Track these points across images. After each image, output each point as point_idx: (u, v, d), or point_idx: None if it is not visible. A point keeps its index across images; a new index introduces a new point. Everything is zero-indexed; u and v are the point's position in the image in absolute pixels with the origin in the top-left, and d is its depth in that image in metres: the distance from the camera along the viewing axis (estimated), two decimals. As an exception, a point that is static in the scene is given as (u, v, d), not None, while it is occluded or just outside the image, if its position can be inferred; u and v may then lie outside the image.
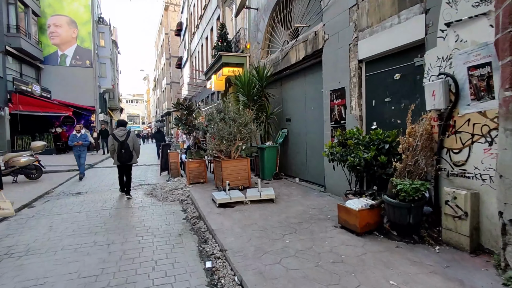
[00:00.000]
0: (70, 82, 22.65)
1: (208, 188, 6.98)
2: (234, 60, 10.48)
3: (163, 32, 44.18)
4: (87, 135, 9.52)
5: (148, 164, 13.75)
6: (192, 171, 7.55)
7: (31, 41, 19.74)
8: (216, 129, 6.34)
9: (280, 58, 8.07)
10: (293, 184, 7.15)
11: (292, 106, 7.88)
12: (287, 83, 8.19)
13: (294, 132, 7.81)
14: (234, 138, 6.59)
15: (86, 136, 9.44)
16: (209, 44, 17.97)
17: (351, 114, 5.32)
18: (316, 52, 6.39)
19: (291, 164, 8.00)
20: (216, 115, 6.61)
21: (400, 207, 3.48)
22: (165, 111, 43.91)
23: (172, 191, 6.90)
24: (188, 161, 7.51)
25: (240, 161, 6.78)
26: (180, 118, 7.20)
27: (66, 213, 5.60)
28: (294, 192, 6.27)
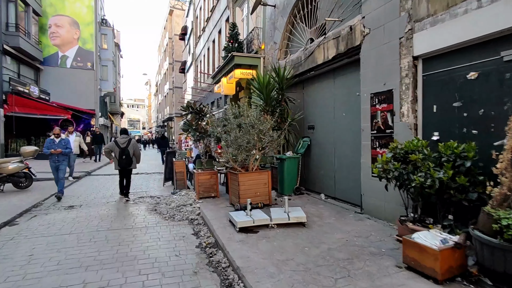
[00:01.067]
0: (70, 84, 21.83)
1: (221, 205, 6.02)
2: (247, 62, 9.62)
3: (166, 36, 43.66)
4: (68, 141, 7.70)
5: (150, 172, 12.78)
6: (202, 184, 6.60)
7: (31, 41, 18.97)
8: (233, 136, 5.42)
9: (302, 58, 7.20)
10: (319, 202, 6.20)
11: (317, 112, 6.98)
12: (310, 86, 7.30)
13: (319, 142, 6.89)
14: (253, 148, 5.67)
15: (68, 142, 7.57)
16: (216, 47, 17.20)
17: (401, 121, 4.41)
18: (351, 49, 5.51)
19: (315, 177, 7.06)
20: (233, 120, 5.70)
21: (504, 250, 2.53)
22: (167, 116, 43.09)
23: (180, 207, 5.93)
24: (198, 173, 6.57)
25: (259, 174, 5.84)
26: (190, 123, 6.28)
27: (54, 234, 4.64)
28: (324, 213, 5.31)
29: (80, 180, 10.52)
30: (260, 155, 5.90)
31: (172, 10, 39.61)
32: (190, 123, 6.25)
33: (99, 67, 23.89)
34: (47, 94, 19.87)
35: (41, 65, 21.00)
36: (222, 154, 5.70)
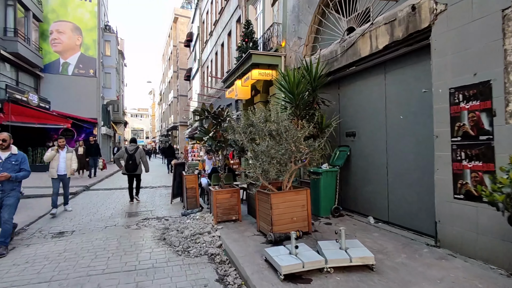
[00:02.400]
0: (72, 92, 20.88)
1: (247, 232, 4.77)
2: (266, 61, 8.48)
3: (171, 44, 43.04)
4: (25, 159, 4.76)
5: (155, 186, 11.56)
6: (221, 205, 5.37)
7: (31, 47, 18.09)
8: (265, 146, 4.20)
9: (338, 52, 6.03)
10: (369, 228, 4.92)
11: (359, 116, 5.76)
12: (349, 85, 6.10)
13: (363, 151, 5.65)
14: (289, 160, 4.45)
15: (24, 159, 4.72)
16: (225, 51, 16.17)
17: (508, 124, 3.17)
18: (414, 35, 4.32)
19: (357, 195, 5.79)
20: (262, 126, 4.49)
21: None
22: (171, 125, 42.11)
23: (195, 236, 4.67)
24: (215, 191, 5.34)
25: (296, 194, 4.59)
26: (206, 130, 5.08)
27: (27, 283, 3.40)
28: (387, 246, 4.03)
29: (76, 196, 9.32)
30: (296, 169, 4.66)
31: (177, 17, 39.08)
32: (206, 131, 5.06)
33: (101, 74, 22.99)
34: (47, 102, 18.89)
35: (41, 72, 20.10)
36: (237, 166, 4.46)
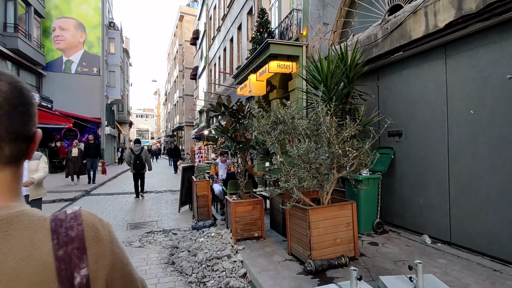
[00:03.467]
0: (75, 91, 20.15)
1: (276, 257, 3.82)
2: (286, 51, 7.53)
3: (176, 43, 42.35)
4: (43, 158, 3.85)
5: (160, 191, 10.67)
6: (242, 219, 4.42)
7: (32, 44, 17.37)
8: (305, 150, 3.25)
9: (379, 36, 5.06)
10: (427, 250, 3.93)
11: (408, 111, 4.77)
12: (392, 74, 5.12)
13: (413, 154, 4.66)
14: (330, 166, 3.49)
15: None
16: (235, 46, 15.26)
17: None
18: (495, 4, 3.34)
19: (404, 208, 4.80)
20: (297, 124, 3.55)
21: None
22: (177, 126, 41.38)
23: (212, 261, 3.73)
24: (234, 202, 4.39)
25: (340, 209, 3.63)
26: (224, 129, 4.14)
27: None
28: (469, 282, 3.04)
29: (74, 202, 8.46)
30: (336, 178, 3.70)
31: (183, 15, 38.35)
32: (224, 129, 4.12)
33: (105, 72, 22.24)
34: (49, 101, 18.17)
35: (43, 70, 19.41)
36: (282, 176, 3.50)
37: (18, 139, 0.53)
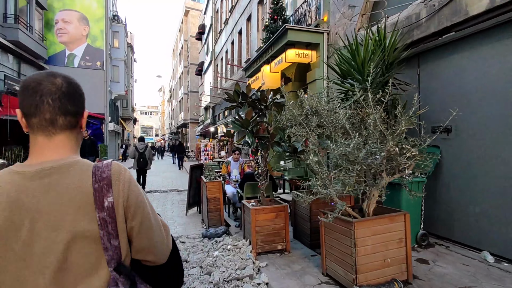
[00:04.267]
0: (78, 86, 19.55)
1: (308, 277, 3.12)
2: (305, 38, 6.80)
3: (181, 39, 41.70)
4: None
5: (166, 190, 10.02)
6: (263, 229, 3.74)
7: (33, 36, 16.78)
8: (353, 147, 2.55)
9: (422, 15, 4.33)
10: (492, 271, 3.21)
11: (458, 103, 4.03)
12: (438, 60, 4.38)
13: (465, 154, 3.94)
14: (379, 169, 2.79)
15: None
16: (243, 39, 14.53)
17: None
18: None
19: (454, 217, 4.08)
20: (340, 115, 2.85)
21: None
22: (181, 123, 40.80)
23: (230, 284, 3.04)
24: (255, 209, 3.70)
25: (390, 221, 2.93)
26: (244, 122, 3.44)
27: None
28: None
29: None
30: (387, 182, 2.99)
31: (188, 10, 37.64)
32: (245, 122, 3.42)
33: (109, 67, 21.65)
34: (51, 96, 17.62)
35: (45, 64, 18.83)
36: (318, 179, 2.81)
37: (67, 114, 0.81)
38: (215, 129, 20.28)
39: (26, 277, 0.68)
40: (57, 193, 0.73)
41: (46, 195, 0.72)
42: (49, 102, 0.78)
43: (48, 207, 0.71)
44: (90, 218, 0.74)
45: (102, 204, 0.75)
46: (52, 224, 0.70)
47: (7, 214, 0.69)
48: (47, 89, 0.79)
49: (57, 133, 0.80)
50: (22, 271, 0.68)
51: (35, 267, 0.68)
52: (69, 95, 0.82)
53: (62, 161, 0.77)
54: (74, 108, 0.83)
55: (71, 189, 0.74)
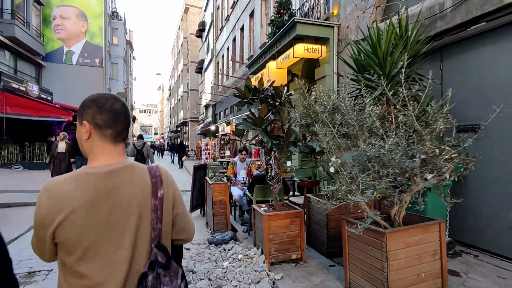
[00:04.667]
0: (76, 83, 19.19)
1: (330, 292, 2.81)
2: (314, 32, 6.48)
3: (181, 36, 41.26)
4: None
5: (166, 191, 9.66)
6: (277, 236, 3.42)
7: (31, 32, 16.40)
8: (387, 148, 2.23)
9: (448, 5, 4.01)
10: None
11: (488, 100, 3.72)
12: (465, 53, 4.06)
13: (496, 155, 3.63)
14: (412, 172, 2.47)
15: None
16: (246, 35, 14.18)
17: None
18: None
19: (482, 224, 3.77)
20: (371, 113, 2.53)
21: None
22: (181, 121, 40.43)
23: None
24: (268, 215, 3.39)
25: (424, 231, 2.61)
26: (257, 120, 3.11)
27: None
28: None
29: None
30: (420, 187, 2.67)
31: (188, 8, 37.21)
32: (258, 120, 3.09)
33: (108, 64, 21.28)
34: (49, 93, 17.23)
35: (43, 61, 18.46)
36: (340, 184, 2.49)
37: (127, 128, 1.04)
38: (216, 128, 19.94)
39: (108, 242, 0.91)
40: (128, 183, 0.97)
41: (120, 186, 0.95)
42: (121, 118, 1.01)
43: (124, 191, 0.95)
44: (148, 204, 0.98)
45: (156, 194, 0.99)
46: (127, 201, 0.95)
47: (94, 200, 0.91)
48: (119, 108, 1.01)
49: (121, 142, 1.03)
50: (108, 235, 0.91)
51: (117, 232, 0.93)
52: (128, 115, 1.05)
53: (124, 163, 1.00)
54: (129, 124, 1.05)
55: (137, 182, 0.98)
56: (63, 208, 0.87)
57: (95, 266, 0.89)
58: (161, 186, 1.01)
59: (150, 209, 0.97)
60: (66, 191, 0.89)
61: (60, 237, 0.88)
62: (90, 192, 0.90)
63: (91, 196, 0.90)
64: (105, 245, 0.90)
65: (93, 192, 0.90)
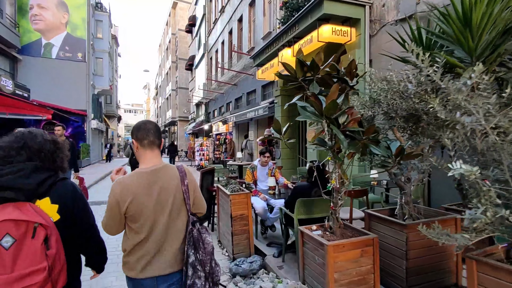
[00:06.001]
0: (56, 79, 17.59)
1: None
2: (342, 12, 5.50)
3: (169, 33, 39.72)
4: None
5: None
6: (344, 274, 2.39)
7: (4, 21, 14.77)
8: None
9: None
10: None
11: None
12: None
13: None
14: None
15: None
16: (245, 26, 13.11)
17: None
18: None
19: None
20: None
21: None
22: (169, 121, 38.85)
23: None
24: (332, 245, 2.35)
25: None
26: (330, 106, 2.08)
27: None
28: None
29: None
30: None
31: (176, 2, 35.80)
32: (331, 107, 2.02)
33: (92, 59, 19.72)
34: (25, 90, 15.54)
35: (19, 54, 16.78)
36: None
37: (159, 138, 1.60)
38: (210, 127, 18.76)
39: (159, 214, 1.49)
40: (166, 177, 1.55)
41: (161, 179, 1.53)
42: (151, 132, 1.58)
43: (165, 183, 1.53)
44: (180, 188, 1.56)
45: (184, 182, 1.57)
46: (167, 187, 1.53)
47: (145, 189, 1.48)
48: (149, 127, 1.60)
49: (156, 148, 1.60)
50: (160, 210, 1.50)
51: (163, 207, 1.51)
52: (158, 130, 1.62)
53: (162, 164, 1.57)
54: (159, 135, 1.63)
55: (171, 175, 1.57)
56: (130, 193, 1.46)
57: (147, 227, 1.48)
58: (185, 177, 1.61)
59: (181, 191, 1.57)
60: (130, 183, 1.49)
61: (130, 211, 1.46)
62: (144, 183, 1.50)
63: (145, 185, 1.50)
64: (154, 214, 1.50)
65: (146, 183, 1.50)
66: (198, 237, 1.52)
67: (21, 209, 1.09)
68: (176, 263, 1.51)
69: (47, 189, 1.24)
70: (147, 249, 1.46)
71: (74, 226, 1.32)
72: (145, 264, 1.46)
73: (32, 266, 1.03)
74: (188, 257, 1.48)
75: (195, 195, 1.64)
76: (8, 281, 0.99)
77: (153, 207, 1.47)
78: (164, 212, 1.49)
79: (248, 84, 12.58)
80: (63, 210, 1.26)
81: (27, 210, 1.10)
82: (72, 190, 1.34)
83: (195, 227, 1.54)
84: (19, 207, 1.09)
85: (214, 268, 1.55)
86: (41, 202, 1.21)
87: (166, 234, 1.50)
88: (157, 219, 1.48)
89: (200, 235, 1.53)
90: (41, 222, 1.08)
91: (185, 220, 1.56)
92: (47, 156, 1.30)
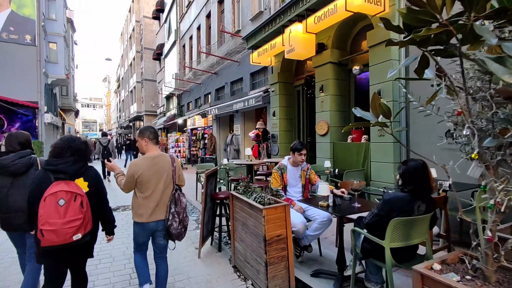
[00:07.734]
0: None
1: None
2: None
3: (132, 20, 36.71)
4: None
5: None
6: None
7: None
8: None
9: None
10: None
11: None
12: None
13: None
14: None
15: None
16: (227, 8, 11.73)
17: None
18: None
19: None
20: None
21: None
22: (134, 115, 36.01)
23: None
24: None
25: None
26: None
27: None
28: None
29: None
30: None
31: (140, -13, 32.95)
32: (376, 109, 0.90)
33: (43, 43, 17.09)
34: (-42, 76, 12.89)
35: None
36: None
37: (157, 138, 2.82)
38: (184, 122, 17.15)
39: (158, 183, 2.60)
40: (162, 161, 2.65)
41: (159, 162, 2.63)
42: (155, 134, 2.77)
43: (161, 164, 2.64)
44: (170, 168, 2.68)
45: (173, 164, 2.72)
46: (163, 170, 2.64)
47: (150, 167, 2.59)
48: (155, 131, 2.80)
49: (156, 144, 2.75)
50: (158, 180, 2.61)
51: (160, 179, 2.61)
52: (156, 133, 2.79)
53: (160, 153, 2.69)
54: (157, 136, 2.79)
55: (166, 160, 2.68)
56: (140, 169, 2.53)
57: (150, 190, 2.56)
58: (174, 162, 2.72)
59: (171, 170, 2.66)
60: (141, 163, 2.57)
61: (139, 179, 2.53)
62: (149, 163, 2.57)
63: (149, 165, 2.57)
64: (155, 182, 2.57)
65: (149, 164, 2.57)
66: (178, 198, 2.68)
67: (68, 184, 2.00)
68: (165, 213, 2.63)
69: (82, 173, 2.15)
70: (150, 204, 2.57)
71: (96, 195, 2.20)
72: (150, 213, 2.58)
73: (74, 216, 1.92)
74: (170, 209, 2.62)
75: (179, 173, 2.75)
76: (63, 222, 1.87)
77: (154, 179, 2.58)
78: (160, 182, 2.60)
79: (232, 72, 11.29)
80: (90, 185, 2.16)
81: (71, 185, 2.01)
82: (96, 173, 2.30)
83: (177, 192, 2.69)
84: (67, 183, 2.00)
85: (185, 218, 2.71)
86: (79, 180, 2.11)
87: (161, 195, 2.61)
88: (156, 186, 2.59)
89: (179, 197, 2.69)
90: (79, 192, 2.00)
91: (172, 188, 2.68)
92: (81, 153, 2.19)
